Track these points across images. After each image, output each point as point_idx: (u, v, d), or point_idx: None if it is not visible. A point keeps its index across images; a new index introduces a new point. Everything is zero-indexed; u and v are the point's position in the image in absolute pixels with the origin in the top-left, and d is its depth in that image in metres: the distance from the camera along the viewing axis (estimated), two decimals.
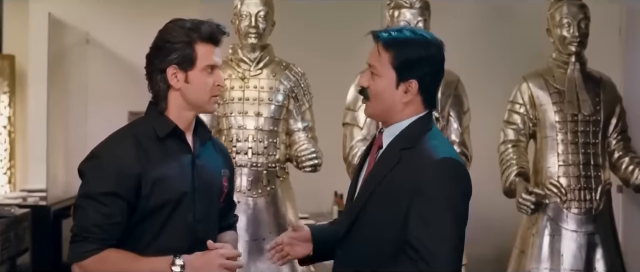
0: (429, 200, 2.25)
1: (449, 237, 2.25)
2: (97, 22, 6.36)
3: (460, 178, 2.33)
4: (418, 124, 2.39)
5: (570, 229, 4.12)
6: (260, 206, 4.11)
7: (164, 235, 2.43)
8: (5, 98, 6.59)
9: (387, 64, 2.36)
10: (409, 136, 2.37)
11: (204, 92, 2.46)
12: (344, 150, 4.24)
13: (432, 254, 2.22)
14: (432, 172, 2.28)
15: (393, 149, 2.37)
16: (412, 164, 2.31)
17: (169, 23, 2.48)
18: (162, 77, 2.45)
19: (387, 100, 2.37)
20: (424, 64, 2.36)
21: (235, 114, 4.13)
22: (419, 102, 2.39)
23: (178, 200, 2.44)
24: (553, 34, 4.26)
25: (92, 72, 6.40)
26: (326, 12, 5.82)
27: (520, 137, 4.28)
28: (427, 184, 2.26)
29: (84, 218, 2.39)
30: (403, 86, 2.36)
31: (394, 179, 2.32)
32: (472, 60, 5.32)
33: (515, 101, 4.29)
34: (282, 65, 4.24)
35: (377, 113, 2.45)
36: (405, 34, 2.39)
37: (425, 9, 4.14)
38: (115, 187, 2.37)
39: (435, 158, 2.30)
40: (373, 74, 2.39)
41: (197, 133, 2.55)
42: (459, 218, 2.29)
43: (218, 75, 2.48)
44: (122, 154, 2.41)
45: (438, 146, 2.36)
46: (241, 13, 4.16)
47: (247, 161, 4.10)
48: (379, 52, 2.37)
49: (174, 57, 2.42)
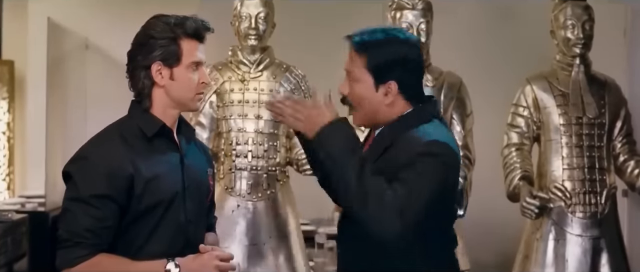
0: (413, 172, 2.22)
1: (409, 199, 2.20)
2: (96, 26, 6.32)
3: (443, 156, 2.28)
4: (411, 115, 2.35)
5: (575, 234, 4.07)
6: (260, 210, 4.05)
7: (157, 237, 2.36)
8: (5, 104, 6.57)
9: (362, 68, 2.34)
10: (402, 124, 2.34)
11: (189, 89, 2.40)
12: None
13: (406, 197, 2.20)
14: (418, 151, 2.25)
15: (385, 136, 2.36)
16: (402, 146, 2.28)
17: (152, 18, 2.42)
18: (146, 74, 2.38)
19: (370, 104, 2.35)
20: (400, 64, 2.33)
21: (234, 116, 4.08)
22: (402, 101, 2.36)
23: (170, 200, 2.37)
24: (557, 36, 4.23)
25: (92, 77, 6.35)
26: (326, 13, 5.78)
27: (524, 140, 4.24)
28: (412, 161, 2.24)
29: (74, 222, 2.29)
30: (382, 89, 2.33)
31: (382, 163, 2.29)
32: (475, 62, 5.29)
33: (519, 104, 4.25)
34: (283, 67, 4.20)
35: (364, 120, 2.42)
36: (377, 36, 2.36)
37: (428, 10, 4.10)
38: (106, 189, 2.29)
39: (423, 141, 2.28)
40: (351, 80, 2.35)
41: (181, 131, 2.49)
42: (426, 191, 2.23)
43: (203, 72, 2.42)
44: (112, 154, 2.33)
45: (431, 131, 2.33)
46: (241, 14, 4.11)
47: (247, 164, 4.05)
48: (352, 56, 2.35)
49: (158, 53, 2.36)
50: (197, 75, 2.40)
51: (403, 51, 2.33)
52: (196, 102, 2.44)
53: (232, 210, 4.02)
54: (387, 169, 2.26)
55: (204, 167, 2.54)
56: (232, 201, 4.04)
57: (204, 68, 2.43)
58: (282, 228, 4.09)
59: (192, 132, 2.55)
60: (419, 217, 2.22)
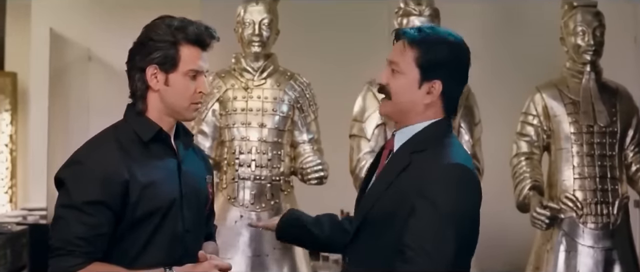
0: (431, 203, 2.13)
1: (447, 243, 2.11)
2: (99, 37, 6.27)
3: (467, 185, 2.20)
4: (433, 128, 2.27)
5: (586, 245, 4.00)
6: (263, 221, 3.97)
7: (153, 246, 2.26)
8: (7, 116, 6.54)
9: (411, 62, 2.25)
10: (421, 140, 2.26)
11: (183, 97, 2.29)
12: (350, 163, 4.14)
13: (429, 257, 2.09)
14: (438, 176, 2.16)
15: (403, 152, 2.26)
16: (421, 167, 2.20)
17: (157, 19, 2.33)
18: (141, 76, 2.29)
19: (408, 100, 2.26)
20: (451, 66, 2.25)
21: (238, 125, 4.02)
22: (439, 106, 2.27)
23: (167, 208, 2.27)
24: (567, 43, 4.17)
25: (94, 89, 6.31)
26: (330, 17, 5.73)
27: (533, 149, 4.18)
28: (431, 186, 2.15)
29: (67, 230, 2.18)
30: (426, 86, 2.24)
31: (401, 182, 2.21)
32: (483, 70, 5.15)
33: (529, 112, 4.19)
34: (287, 75, 4.14)
35: (394, 112, 2.32)
36: (435, 32, 2.29)
37: (435, 17, 4.06)
38: (101, 195, 2.19)
39: (445, 162, 2.19)
40: (394, 71, 2.27)
41: (179, 137, 2.39)
42: (462, 226, 2.15)
43: (201, 81, 2.31)
44: (106, 159, 2.23)
45: (451, 151, 2.24)
46: (244, 21, 4.06)
47: (250, 174, 3.98)
48: (405, 48, 2.26)
49: (155, 56, 2.26)
50: (194, 84, 2.29)
51: (457, 54, 2.26)
52: (191, 112, 2.34)
53: (235, 220, 3.95)
54: (404, 198, 2.17)
55: (203, 174, 2.45)
56: (235, 211, 3.97)
57: (203, 77, 2.32)
58: None
59: (191, 137, 2.45)
60: (459, 254, 2.15)
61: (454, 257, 2.11)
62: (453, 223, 2.12)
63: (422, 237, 2.11)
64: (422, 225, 2.12)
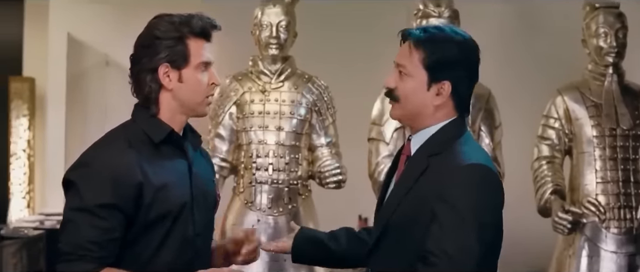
0: (452, 207, 2.08)
1: (471, 246, 2.06)
2: (116, 43, 6.26)
3: (488, 186, 2.14)
4: (448, 128, 2.22)
5: (609, 250, 3.94)
6: (281, 225, 3.93)
7: (165, 250, 2.20)
8: (25, 121, 6.57)
9: (417, 64, 2.19)
10: (438, 142, 2.20)
11: (199, 92, 2.25)
12: (369, 166, 4.09)
13: (452, 261, 2.04)
14: (457, 178, 2.11)
15: (420, 155, 2.21)
16: (439, 171, 2.14)
17: (155, 18, 2.26)
18: (153, 77, 2.22)
19: (417, 102, 2.21)
20: (460, 65, 2.19)
21: (255, 128, 3.98)
22: (451, 106, 2.22)
23: (179, 211, 2.22)
24: (589, 45, 4.12)
25: (112, 94, 6.29)
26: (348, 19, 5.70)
27: (555, 153, 4.13)
28: (451, 190, 2.09)
29: (77, 234, 2.11)
30: (435, 88, 2.19)
31: (421, 187, 2.15)
32: (503, 73, 5.20)
33: (550, 115, 4.14)
34: (305, 77, 4.10)
35: (405, 116, 2.28)
36: (441, 31, 2.23)
37: (455, 18, 4.02)
38: (113, 198, 2.12)
39: (463, 164, 2.13)
40: (402, 74, 2.21)
41: (187, 138, 2.33)
42: (485, 228, 2.10)
43: (212, 73, 2.28)
44: (119, 160, 2.16)
45: (469, 151, 2.19)
46: (262, 23, 4.02)
47: (268, 178, 3.94)
48: (411, 49, 2.20)
49: (165, 55, 2.20)
50: (206, 76, 2.26)
51: (465, 52, 2.21)
52: (205, 106, 2.29)
53: (252, 225, 3.90)
54: (424, 202, 2.13)
55: (211, 176, 2.41)
56: (253, 216, 3.94)
57: (213, 69, 2.29)
58: None
59: (199, 139, 2.40)
60: (485, 257, 2.10)
61: (478, 260, 2.06)
62: (475, 225, 2.07)
63: (444, 242, 2.06)
64: (444, 229, 2.07)
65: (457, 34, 2.23)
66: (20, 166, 6.52)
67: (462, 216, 2.07)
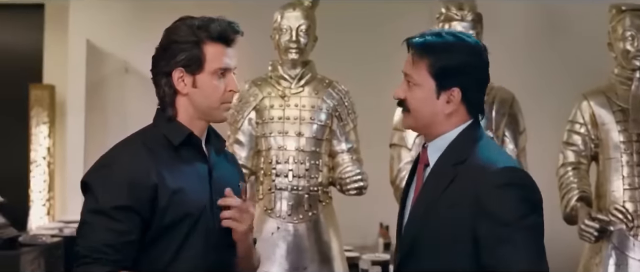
0: (499, 220, 2.02)
1: (540, 255, 2.06)
2: (136, 50, 6.25)
3: (526, 188, 2.10)
4: (467, 134, 2.18)
5: (637, 259, 3.85)
6: (301, 233, 3.88)
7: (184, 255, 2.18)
8: (45, 128, 6.59)
9: (424, 72, 2.16)
10: (459, 149, 2.15)
11: (213, 98, 2.23)
12: (391, 173, 4.05)
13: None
14: (494, 188, 2.05)
15: (444, 165, 2.15)
16: (469, 180, 2.08)
17: (177, 21, 2.26)
18: (168, 81, 2.22)
19: (428, 112, 2.17)
20: (467, 70, 2.16)
21: (275, 134, 3.93)
22: (464, 111, 2.18)
23: (198, 215, 2.19)
24: (615, 48, 4.05)
25: (131, 101, 6.29)
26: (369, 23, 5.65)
27: (581, 159, 4.05)
28: (491, 202, 2.04)
29: (93, 237, 2.11)
30: (444, 95, 2.16)
31: (450, 200, 2.09)
32: (527, 77, 5.15)
33: (575, 121, 4.07)
34: (325, 82, 4.05)
35: (418, 126, 2.25)
36: (443, 38, 2.18)
37: (478, 22, 3.98)
38: (129, 200, 2.11)
39: (495, 169, 2.08)
40: (410, 84, 2.18)
41: (210, 142, 2.31)
42: (536, 234, 2.08)
43: (231, 79, 2.24)
44: (135, 162, 2.16)
45: (494, 155, 2.15)
46: (281, 27, 3.98)
47: (288, 184, 3.89)
48: (413, 59, 2.17)
49: (180, 59, 2.19)
50: (223, 82, 2.23)
51: (470, 56, 2.17)
52: (222, 112, 2.27)
53: (271, 232, 3.86)
54: (458, 217, 2.07)
55: (235, 181, 2.36)
56: (272, 223, 3.88)
57: (232, 75, 2.25)
58: (324, 252, 3.92)
59: (222, 143, 2.37)
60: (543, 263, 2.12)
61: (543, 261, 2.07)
62: (528, 235, 2.04)
63: (517, 264, 2.01)
64: (498, 249, 2.01)
65: (461, 39, 2.19)
66: (41, 173, 6.55)
67: (513, 228, 2.01)
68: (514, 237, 2.02)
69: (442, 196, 2.10)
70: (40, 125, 6.57)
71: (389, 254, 5.24)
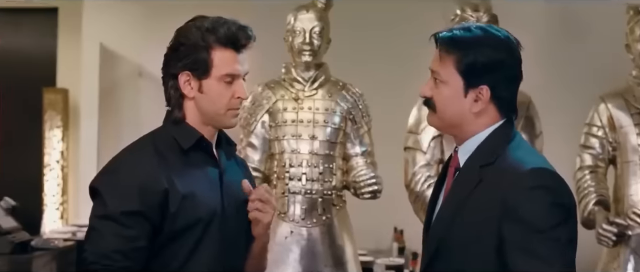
0: (527, 226, 1.92)
1: (570, 264, 1.94)
2: (150, 54, 6.21)
3: (557, 191, 1.97)
4: (497, 134, 2.06)
5: None
6: (315, 237, 3.85)
7: (194, 261, 2.12)
8: (59, 132, 6.58)
9: (451, 69, 2.05)
10: (487, 151, 2.05)
11: (220, 104, 2.16)
12: (405, 176, 4.00)
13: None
14: (523, 190, 1.94)
15: (471, 167, 2.06)
16: (496, 182, 1.98)
17: (188, 22, 2.20)
18: (174, 84, 2.16)
19: (455, 111, 2.07)
20: (497, 67, 2.03)
21: (288, 137, 3.90)
22: (494, 110, 2.06)
23: (208, 220, 2.14)
24: (632, 50, 3.98)
25: (145, 106, 6.26)
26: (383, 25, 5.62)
27: (598, 162, 4.00)
28: (519, 205, 1.93)
29: (102, 243, 2.05)
30: (473, 94, 2.04)
31: (476, 203, 2.00)
32: (544, 79, 5.05)
33: (593, 123, 4.01)
34: (339, 85, 4.02)
35: (444, 126, 2.16)
36: (471, 33, 2.07)
37: (493, 23, 3.86)
38: (139, 206, 2.06)
39: (524, 171, 1.96)
40: (437, 81, 2.08)
41: (221, 146, 2.26)
42: (565, 245, 1.95)
43: (239, 86, 2.17)
44: (144, 167, 2.10)
45: (524, 156, 2.02)
46: (294, 29, 3.95)
47: (301, 188, 3.86)
48: (440, 55, 2.07)
49: (186, 62, 2.13)
50: (230, 89, 2.15)
51: (501, 52, 2.05)
52: (230, 118, 2.19)
53: (285, 236, 3.83)
54: (484, 221, 1.98)
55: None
56: (286, 227, 3.85)
57: (241, 81, 2.18)
58: (338, 256, 3.88)
59: (233, 147, 2.32)
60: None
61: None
62: (557, 241, 1.93)
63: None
64: (526, 255, 1.92)
65: (490, 34, 2.07)
66: (54, 177, 6.54)
67: (542, 233, 1.92)
68: (542, 247, 1.91)
69: (469, 199, 2.01)
70: (54, 129, 6.56)
71: (403, 259, 5.20)
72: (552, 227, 1.92)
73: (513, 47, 2.08)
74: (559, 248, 1.92)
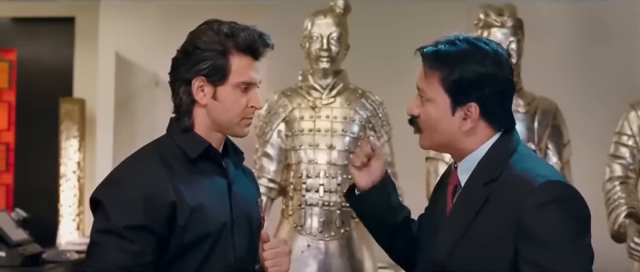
0: (542, 243, 1.83)
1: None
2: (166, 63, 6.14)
3: (571, 204, 1.89)
4: (497, 149, 1.97)
5: None
6: (332, 251, 3.75)
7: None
8: (75, 142, 6.56)
9: (437, 86, 1.97)
10: (489, 166, 1.95)
11: (233, 113, 2.09)
12: (427, 187, 3.91)
13: None
14: (535, 206, 1.85)
15: (474, 185, 1.96)
16: (505, 199, 1.88)
17: (203, 25, 2.12)
18: (186, 89, 2.09)
19: (443, 130, 1.98)
20: (484, 83, 1.94)
21: (305, 146, 3.80)
22: (486, 127, 1.98)
23: (218, 233, 2.05)
24: None
25: (162, 115, 6.18)
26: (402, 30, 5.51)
27: (629, 173, 3.88)
28: (533, 223, 1.84)
29: (104, 259, 1.97)
30: (461, 112, 1.96)
31: (485, 221, 1.90)
32: (572, 86, 4.97)
33: (623, 132, 3.89)
34: (358, 92, 3.92)
35: (435, 146, 2.08)
36: (456, 47, 1.97)
37: (519, 28, 3.81)
38: (144, 219, 1.97)
39: (535, 186, 1.87)
40: (423, 99, 1.99)
41: (228, 155, 2.17)
42: (584, 256, 1.88)
43: (254, 94, 2.10)
44: (150, 178, 2.01)
45: (531, 168, 1.93)
46: (312, 35, 3.85)
47: (319, 200, 3.76)
48: (425, 72, 1.98)
49: (202, 68, 2.06)
50: (245, 97, 2.09)
51: (488, 65, 1.96)
52: (242, 128, 2.12)
53: (301, 250, 3.73)
54: (494, 242, 1.89)
55: (254, 197, 2.23)
56: (302, 240, 3.75)
57: (256, 90, 2.11)
58: (357, 270, 3.78)
59: (241, 156, 2.23)
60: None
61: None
62: (575, 258, 1.86)
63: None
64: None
65: (476, 47, 1.97)
66: (70, 188, 6.50)
67: (559, 250, 1.83)
68: (560, 264, 1.84)
69: (476, 219, 1.92)
70: (70, 139, 6.53)
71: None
72: (569, 241, 1.85)
73: (502, 60, 1.99)
74: (577, 262, 1.85)
